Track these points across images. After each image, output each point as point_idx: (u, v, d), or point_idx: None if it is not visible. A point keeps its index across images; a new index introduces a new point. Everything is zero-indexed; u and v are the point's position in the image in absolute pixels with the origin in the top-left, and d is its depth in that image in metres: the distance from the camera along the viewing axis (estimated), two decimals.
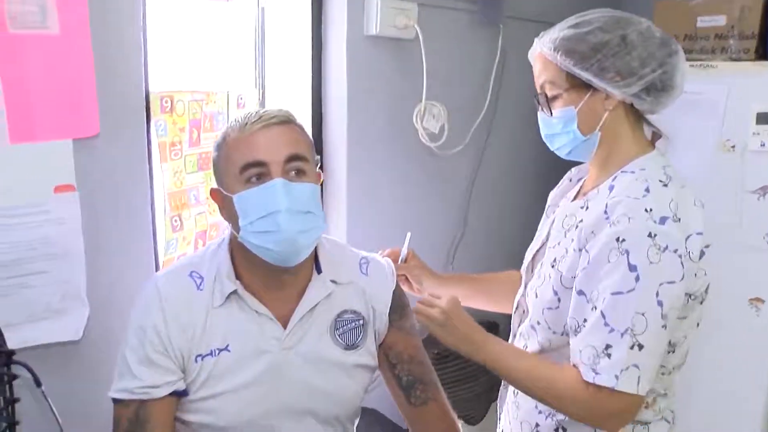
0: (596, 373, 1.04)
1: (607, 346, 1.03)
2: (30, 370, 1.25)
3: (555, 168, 1.35)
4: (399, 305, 1.29)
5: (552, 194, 1.37)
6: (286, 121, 1.12)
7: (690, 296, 1.09)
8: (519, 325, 1.31)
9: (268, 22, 1.88)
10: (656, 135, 1.24)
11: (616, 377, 1.03)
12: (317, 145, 1.93)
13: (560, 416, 1.19)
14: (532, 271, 1.30)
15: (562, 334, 1.15)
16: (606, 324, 1.04)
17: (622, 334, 1.02)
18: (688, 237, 1.07)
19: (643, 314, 1.02)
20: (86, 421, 1.33)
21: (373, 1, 1.78)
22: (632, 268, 1.02)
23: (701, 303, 1.15)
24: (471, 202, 2.23)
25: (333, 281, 1.21)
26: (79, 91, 1.33)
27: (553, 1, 2.06)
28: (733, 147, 1.78)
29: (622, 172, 1.15)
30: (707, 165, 1.83)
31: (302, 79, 1.89)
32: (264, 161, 1.07)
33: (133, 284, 1.39)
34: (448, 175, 2.14)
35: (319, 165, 1.86)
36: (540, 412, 1.23)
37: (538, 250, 1.30)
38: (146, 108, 1.49)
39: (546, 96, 1.17)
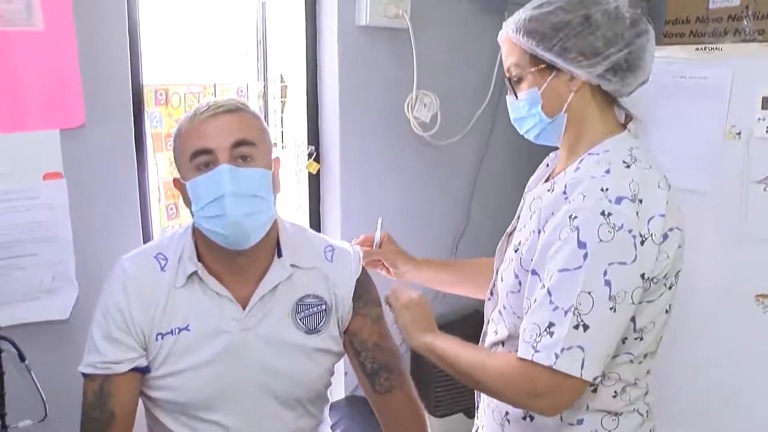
0: (535, 351, 1.01)
1: (551, 324, 1.00)
2: (14, 344, 1.34)
3: None
4: (364, 292, 1.30)
5: (530, 179, 1.35)
6: (235, 109, 1.15)
7: (652, 280, 1.05)
8: (492, 311, 1.30)
9: (268, 14, 1.92)
10: (629, 117, 1.20)
11: (556, 355, 0.98)
12: (314, 137, 1.95)
13: None
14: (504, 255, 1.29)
15: None
16: (551, 302, 1.01)
17: (566, 312, 0.99)
18: (651, 219, 1.03)
19: (589, 293, 0.98)
20: (71, 397, 1.38)
21: None
22: (581, 245, 0.99)
23: (669, 288, 1.09)
24: (474, 194, 2.21)
25: (293, 265, 1.23)
26: (65, 84, 1.40)
27: None
28: (739, 134, 1.69)
29: (588, 154, 1.12)
30: (712, 153, 1.73)
31: (300, 70, 1.93)
32: (210, 148, 1.11)
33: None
34: (446, 165, 2.11)
35: (314, 156, 1.95)
36: None
37: (509, 234, 1.29)
38: (135, 100, 1.55)
39: (511, 79, 1.16)
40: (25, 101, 1.37)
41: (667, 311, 1.12)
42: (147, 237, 1.65)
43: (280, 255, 1.23)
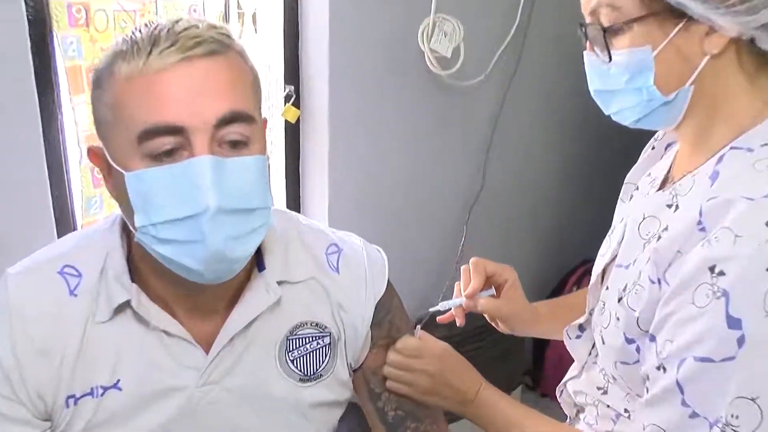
0: None
1: None
2: None
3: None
4: (386, 315, 0.97)
5: (630, 174, 1.01)
6: (219, 49, 0.72)
7: None
8: (586, 361, 0.98)
9: None
10: None
11: None
12: (292, 74, 1.62)
13: None
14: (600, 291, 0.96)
15: None
16: (684, 402, 0.71)
17: (711, 426, 0.69)
18: None
19: (753, 400, 0.67)
20: None
21: None
22: (733, 323, 0.67)
23: None
24: (491, 149, 1.96)
25: (281, 282, 0.87)
26: None
27: None
28: None
29: (731, 149, 0.76)
30: None
31: None
32: (181, 126, 0.70)
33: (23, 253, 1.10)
34: (462, 113, 1.86)
35: (293, 99, 1.60)
36: None
37: (608, 264, 0.94)
38: (36, 18, 1.22)
39: (601, 28, 0.79)
40: None
41: None
42: (64, 218, 1.33)
43: (261, 268, 0.86)
